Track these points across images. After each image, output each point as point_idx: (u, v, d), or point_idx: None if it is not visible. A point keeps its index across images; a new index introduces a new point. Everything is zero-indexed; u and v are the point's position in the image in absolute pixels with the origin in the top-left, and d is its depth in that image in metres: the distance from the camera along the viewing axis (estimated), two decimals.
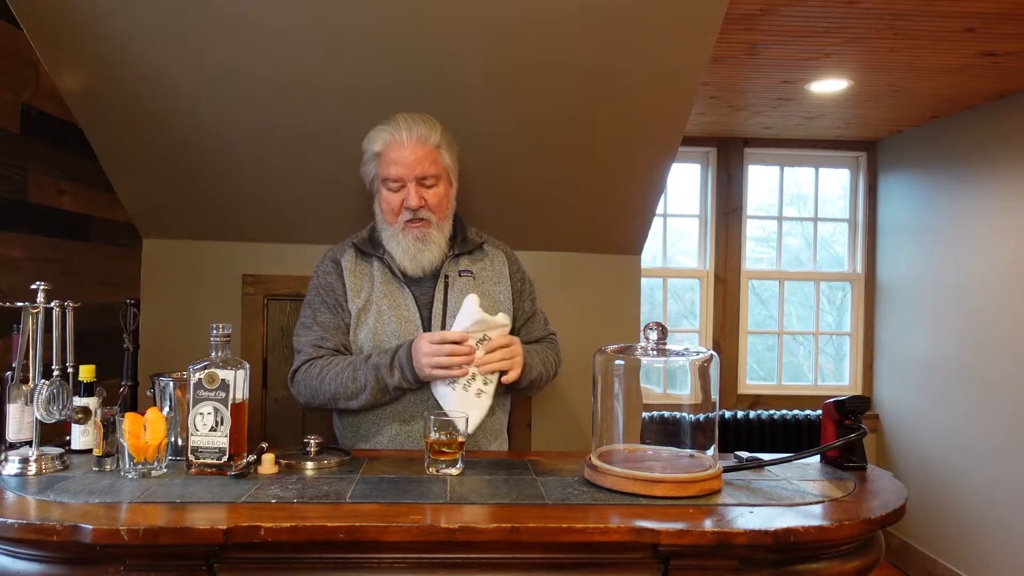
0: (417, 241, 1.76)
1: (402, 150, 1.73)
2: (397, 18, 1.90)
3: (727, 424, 3.97)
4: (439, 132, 1.78)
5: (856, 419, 1.55)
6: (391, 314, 1.78)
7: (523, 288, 1.92)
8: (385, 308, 1.78)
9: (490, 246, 1.91)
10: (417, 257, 1.77)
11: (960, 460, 3.58)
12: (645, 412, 1.72)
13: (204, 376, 1.42)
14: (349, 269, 1.82)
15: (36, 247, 1.98)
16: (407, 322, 1.77)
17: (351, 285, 1.81)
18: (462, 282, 1.82)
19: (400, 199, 1.75)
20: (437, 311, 1.79)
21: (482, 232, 1.95)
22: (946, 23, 2.43)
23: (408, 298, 1.79)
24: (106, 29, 1.88)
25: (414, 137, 1.74)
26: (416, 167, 1.73)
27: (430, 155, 1.75)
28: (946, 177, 3.73)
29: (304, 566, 1.19)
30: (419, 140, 1.74)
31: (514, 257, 1.95)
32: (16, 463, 1.40)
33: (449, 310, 1.78)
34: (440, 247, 1.79)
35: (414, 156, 1.73)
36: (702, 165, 4.31)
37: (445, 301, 1.79)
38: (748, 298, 4.31)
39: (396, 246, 1.78)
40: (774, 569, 1.22)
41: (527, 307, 1.92)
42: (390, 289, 1.80)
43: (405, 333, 1.76)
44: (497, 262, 1.89)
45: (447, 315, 1.78)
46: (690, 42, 1.98)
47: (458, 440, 1.47)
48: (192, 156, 2.27)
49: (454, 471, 1.46)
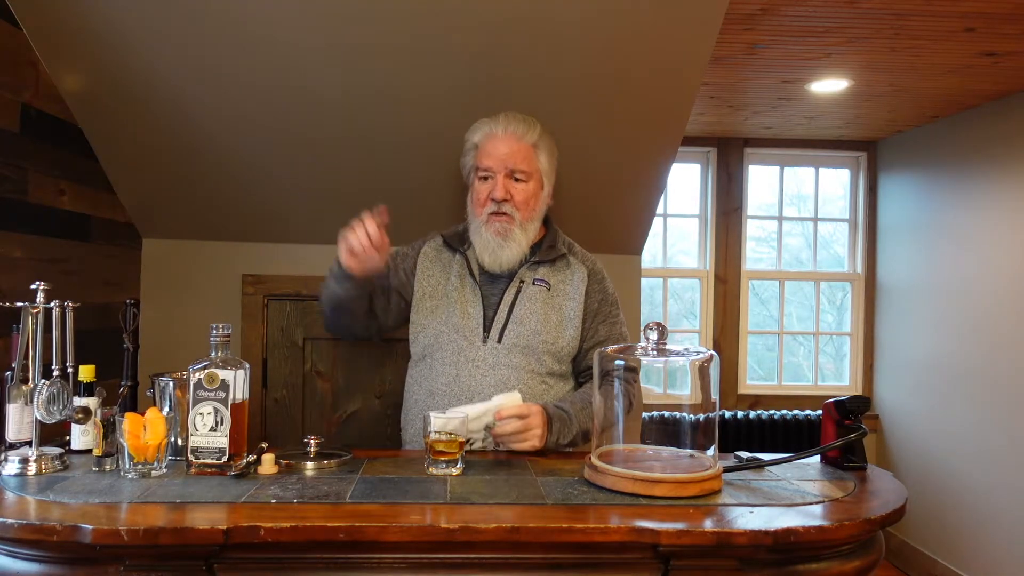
0: (498, 236, 1.76)
1: (497, 142, 1.77)
2: (395, 22, 1.90)
3: (727, 424, 3.97)
4: (538, 132, 1.80)
5: (856, 419, 1.55)
6: (457, 308, 1.78)
7: (599, 310, 1.83)
8: (452, 301, 1.79)
9: (576, 259, 1.86)
10: (496, 252, 1.77)
11: (960, 460, 3.58)
12: (645, 412, 1.72)
13: (204, 376, 1.41)
14: (428, 255, 1.87)
15: (36, 247, 1.98)
16: (469, 319, 1.77)
17: (421, 268, 1.85)
18: (535, 290, 1.79)
19: (487, 189, 1.77)
20: (502, 315, 1.77)
21: (575, 245, 1.91)
22: (946, 23, 2.43)
23: (477, 297, 1.79)
24: (106, 29, 1.88)
25: (511, 131, 1.77)
26: (508, 160, 1.75)
27: (524, 151, 1.77)
28: (946, 177, 3.73)
29: (304, 566, 1.19)
30: (515, 135, 1.77)
31: (599, 276, 1.86)
32: (16, 463, 1.40)
33: (514, 316, 1.76)
34: (521, 247, 1.78)
35: (508, 149, 1.76)
36: (702, 165, 4.31)
37: (513, 305, 1.77)
38: (748, 298, 4.31)
39: (478, 239, 1.79)
40: (774, 569, 1.22)
41: (602, 331, 1.82)
42: (462, 284, 1.81)
43: (465, 329, 1.76)
44: (576, 277, 1.82)
45: (510, 320, 1.76)
46: (690, 42, 1.98)
47: (458, 440, 1.47)
48: (192, 156, 2.27)
49: (454, 471, 1.46)
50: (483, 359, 1.74)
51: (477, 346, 1.75)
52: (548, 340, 1.76)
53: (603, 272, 1.88)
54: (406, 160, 2.31)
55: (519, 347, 1.74)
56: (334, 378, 2.63)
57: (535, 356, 1.75)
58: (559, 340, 1.77)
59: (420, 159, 2.30)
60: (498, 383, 1.72)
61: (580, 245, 1.95)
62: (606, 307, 1.84)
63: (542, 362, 1.76)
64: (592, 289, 1.83)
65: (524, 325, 1.75)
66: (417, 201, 2.42)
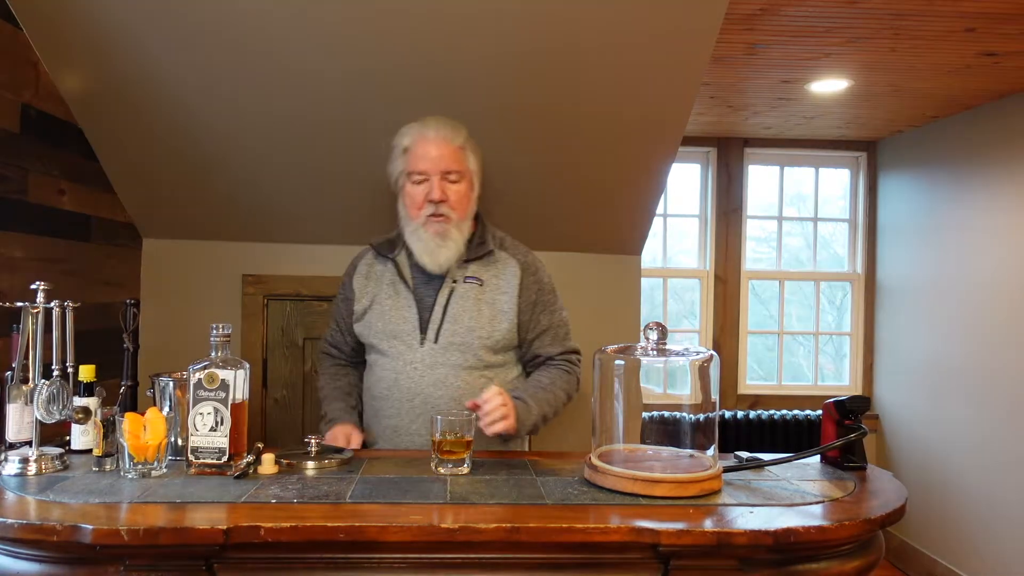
0: (437, 236, 1.80)
1: (428, 145, 1.80)
2: (398, 20, 1.90)
3: (727, 424, 3.97)
4: (464, 135, 1.85)
5: (856, 419, 1.55)
6: (391, 314, 1.83)
7: (538, 300, 1.87)
8: (387, 309, 1.84)
9: (506, 254, 1.89)
10: (435, 252, 1.80)
11: (960, 460, 3.58)
12: (645, 412, 1.72)
13: (204, 376, 1.41)
14: (361, 272, 1.92)
15: (36, 247, 1.98)
16: (405, 322, 1.82)
17: (358, 286, 1.90)
18: (467, 288, 1.83)
19: (423, 192, 1.79)
20: (436, 315, 1.81)
21: (507, 239, 1.93)
22: (946, 23, 2.43)
23: (410, 302, 1.83)
24: (106, 30, 1.88)
25: (441, 135, 1.81)
26: (440, 162, 1.79)
27: (455, 153, 1.81)
28: (946, 177, 3.73)
29: (304, 566, 1.19)
30: (445, 138, 1.81)
31: (533, 268, 1.89)
32: (16, 463, 1.40)
33: (448, 315, 1.80)
34: (458, 245, 1.82)
35: (439, 152, 1.80)
36: (702, 165, 4.31)
37: (446, 306, 1.81)
38: (748, 298, 4.31)
39: (417, 241, 1.82)
40: (774, 569, 1.22)
41: (543, 321, 1.87)
42: (396, 291, 1.85)
43: (402, 334, 1.81)
44: (509, 271, 1.86)
45: (445, 319, 1.80)
46: (690, 42, 1.98)
47: (465, 440, 1.48)
48: (192, 156, 2.27)
49: (462, 470, 1.47)
50: (421, 360, 1.79)
51: (415, 348, 1.80)
52: (483, 335, 1.80)
53: (536, 263, 1.92)
54: None
55: (455, 345, 1.79)
56: None
57: (471, 352, 1.79)
58: (494, 334, 1.81)
59: None
60: (436, 382, 1.78)
61: (581, 245, 1.96)
62: (544, 296, 1.89)
63: (479, 356, 1.80)
64: (527, 282, 1.86)
65: (458, 323, 1.79)
66: None
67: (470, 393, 1.75)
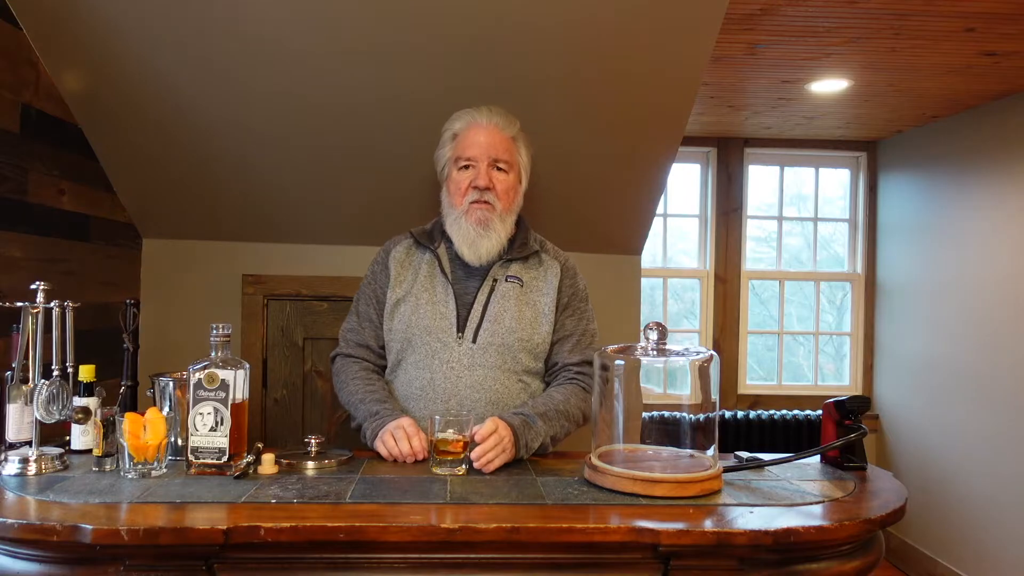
0: (479, 225, 1.73)
1: (479, 131, 1.76)
2: (395, 23, 1.90)
3: (727, 424, 3.97)
4: (517, 127, 1.81)
5: (856, 419, 1.55)
6: (428, 309, 1.73)
7: (569, 304, 1.80)
8: (423, 302, 1.74)
9: (548, 256, 1.84)
10: (476, 243, 1.73)
11: (960, 460, 3.58)
12: (645, 412, 1.72)
13: (204, 376, 1.41)
14: (397, 259, 1.82)
15: (36, 247, 1.98)
16: (442, 319, 1.72)
17: (395, 274, 1.79)
18: (508, 287, 1.76)
19: (469, 178, 1.74)
20: (476, 313, 1.73)
21: (546, 242, 1.88)
22: (947, 23, 2.43)
23: (449, 295, 1.74)
24: (106, 29, 1.88)
25: (493, 122, 1.77)
26: (491, 149, 1.75)
27: (506, 142, 1.77)
28: (946, 177, 3.73)
29: (304, 566, 1.19)
30: (497, 126, 1.77)
31: (572, 272, 1.84)
32: (16, 463, 1.40)
33: (489, 313, 1.72)
34: (500, 239, 1.75)
35: (490, 139, 1.75)
36: (702, 165, 4.31)
37: (486, 304, 1.74)
38: (748, 298, 4.31)
39: (457, 231, 1.75)
40: (774, 569, 1.22)
41: (568, 325, 1.79)
42: (433, 284, 1.76)
43: (438, 330, 1.71)
44: (550, 272, 1.80)
45: (485, 318, 1.72)
46: (690, 42, 1.98)
47: (463, 439, 1.47)
48: (192, 156, 2.27)
49: (459, 470, 1.46)
50: (458, 360, 1.70)
51: (451, 347, 1.70)
52: (523, 337, 1.72)
53: (575, 268, 1.87)
54: (406, 161, 2.31)
55: (495, 346, 1.71)
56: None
57: (511, 354, 1.72)
58: (534, 336, 1.74)
59: (420, 160, 2.30)
60: (474, 384, 1.69)
61: (581, 245, 1.95)
62: (575, 302, 1.82)
63: (518, 360, 1.73)
64: (564, 284, 1.81)
65: (499, 323, 1.72)
66: (416, 201, 2.42)
67: (507, 399, 1.70)
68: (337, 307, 2.62)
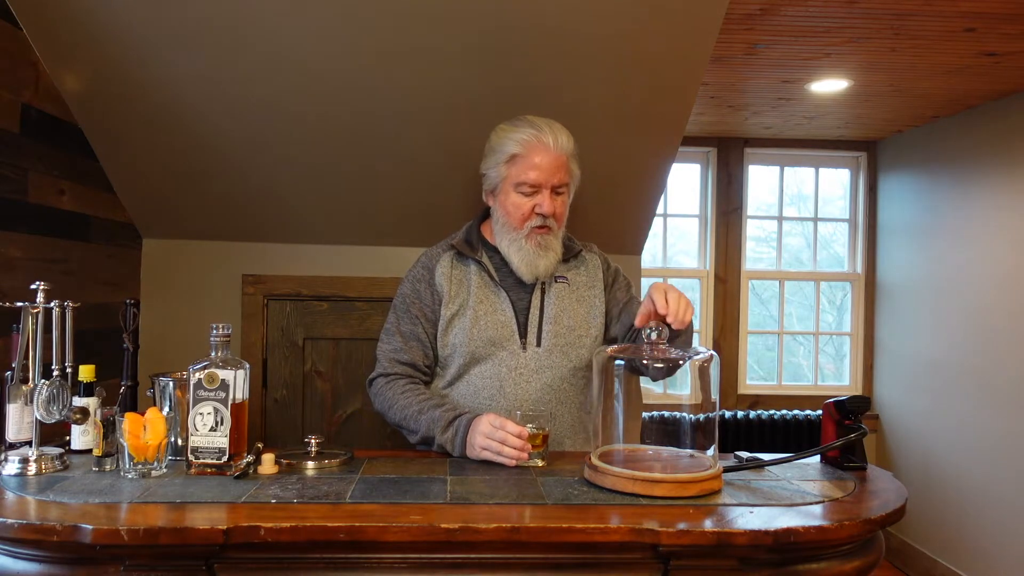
0: (539, 248, 1.73)
1: (547, 155, 1.70)
2: (395, 25, 1.90)
3: (727, 424, 3.97)
4: (574, 141, 1.76)
5: (856, 419, 1.55)
6: (488, 319, 1.73)
7: (615, 280, 1.87)
8: (482, 313, 1.74)
9: (587, 252, 1.88)
10: (535, 263, 1.73)
11: (960, 460, 3.58)
12: (645, 412, 1.72)
13: (204, 376, 1.41)
14: (445, 275, 1.78)
15: (36, 247, 1.98)
16: (503, 327, 1.73)
17: (447, 289, 1.76)
18: (558, 287, 1.79)
19: (532, 204, 1.71)
20: (534, 317, 1.75)
21: (573, 237, 1.89)
22: (946, 23, 2.43)
23: (505, 303, 1.75)
24: (106, 29, 1.88)
25: (559, 145, 1.71)
26: (555, 175, 1.71)
27: (566, 165, 1.73)
28: (946, 177, 3.73)
29: (304, 566, 1.19)
30: (562, 148, 1.72)
31: (604, 258, 1.91)
32: (16, 463, 1.40)
33: (547, 316, 1.75)
34: (556, 254, 1.76)
35: (553, 163, 1.70)
36: (702, 165, 4.31)
37: (542, 307, 1.76)
38: (748, 298, 4.31)
39: (516, 251, 1.74)
40: (774, 569, 1.22)
41: (620, 296, 1.85)
42: (486, 293, 1.76)
43: (501, 339, 1.72)
44: (592, 266, 1.85)
45: (543, 321, 1.75)
46: (690, 42, 1.97)
47: (543, 433, 1.54)
48: (192, 156, 2.27)
49: (540, 462, 1.52)
50: (525, 365, 1.72)
51: (517, 353, 1.72)
52: (582, 333, 1.77)
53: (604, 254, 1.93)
54: (406, 161, 2.31)
55: (559, 347, 1.74)
56: (334, 378, 2.63)
57: (575, 352, 1.75)
58: (591, 330, 1.78)
59: (420, 160, 2.30)
60: (543, 387, 1.72)
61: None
62: (619, 277, 1.88)
63: (580, 357, 1.76)
64: (605, 270, 1.87)
65: (559, 323, 1.75)
66: (417, 201, 2.42)
67: (573, 396, 1.75)
68: (337, 307, 2.62)
